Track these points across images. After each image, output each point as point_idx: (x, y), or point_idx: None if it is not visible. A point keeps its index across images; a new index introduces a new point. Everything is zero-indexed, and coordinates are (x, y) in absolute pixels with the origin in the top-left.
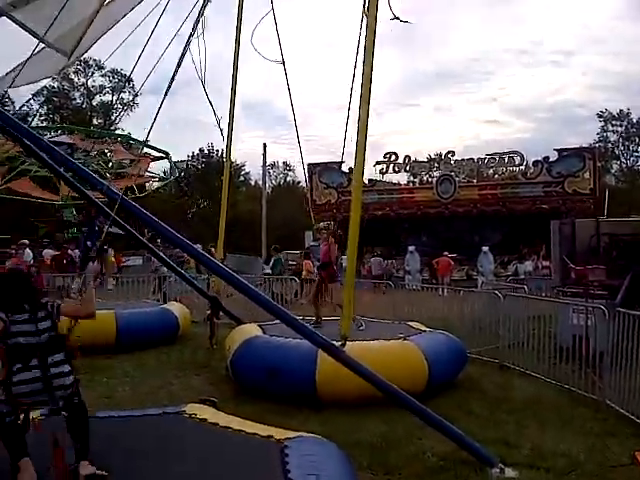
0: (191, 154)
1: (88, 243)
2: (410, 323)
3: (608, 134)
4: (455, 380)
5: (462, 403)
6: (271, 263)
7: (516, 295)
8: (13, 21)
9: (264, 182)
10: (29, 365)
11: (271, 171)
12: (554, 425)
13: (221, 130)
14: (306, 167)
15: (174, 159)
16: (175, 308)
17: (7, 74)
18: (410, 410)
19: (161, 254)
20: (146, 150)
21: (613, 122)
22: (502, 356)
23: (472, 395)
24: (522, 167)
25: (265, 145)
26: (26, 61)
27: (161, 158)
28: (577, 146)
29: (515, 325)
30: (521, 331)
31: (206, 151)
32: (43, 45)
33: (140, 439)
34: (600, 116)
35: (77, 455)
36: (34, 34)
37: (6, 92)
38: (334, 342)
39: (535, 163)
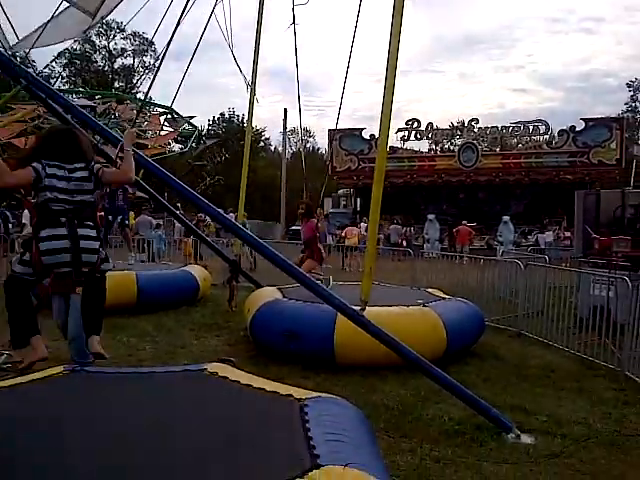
0: (212, 118)
1: (109, 217)
2: (429, 290)
3: (637, 104)
4: (473, 347)
5: (479, 370)
6: None
7: (537, 264)
8: None
9: (284, 147)
10: (58, 221)
11: (291, 137)
12: (571, 394)
13: (251, 87)
14: (326, 133)
15: (198, 124)
16: (195, 270)
17: (31, 34)
18: (428, 375)
19: (182, 217)
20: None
21: None
22: (520, 325)
23: (489, 362)
24: (547, 136)
25: (286, 110)
26: (49, 20)
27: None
28: (605, 116)
29: (535, 294)
30: (540, 300)
31: (227, 115)
32: (67, 4)
33: (163, 394)
34: (629, 86)
35: (88, 329)
36: None
37: (28, 52)
38: (353, 307)
39: (560, 133)
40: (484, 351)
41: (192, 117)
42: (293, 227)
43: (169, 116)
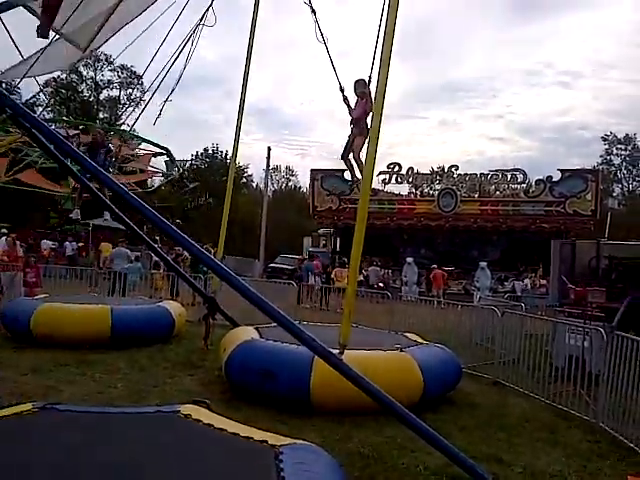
0: (195, 153)
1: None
2: (407, 334)
3: (612, 157)
4: (449, 395)
5: (456, 418)
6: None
7: (513, 312)
8: (29, 11)
9: (266, 185)
10: None
11: (273, 175)
12: (547, 445)
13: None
14: (309, 172)
15: (178, 158)
16: (171, 306)
17: (20, 63)
18: (404, 422)
19: (160, 250)
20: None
21: (618, 145)
22: (497, 372)
23: (466, 411)
24: (524, 185)
25: (269, 149)
26: (41, 51)
27: (162, 154)
28: (580, 167)
29: (511, 342)
30: (517, 348)
31: (210, 151)
32: (58, 37)
33: (134, 436)
34: (605, 139)
35: None
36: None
37: (19, 82)
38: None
39: (538, 182)
40: (460, 399)
41: (187, 161)
42: (272, 264)
43: (166, 157)
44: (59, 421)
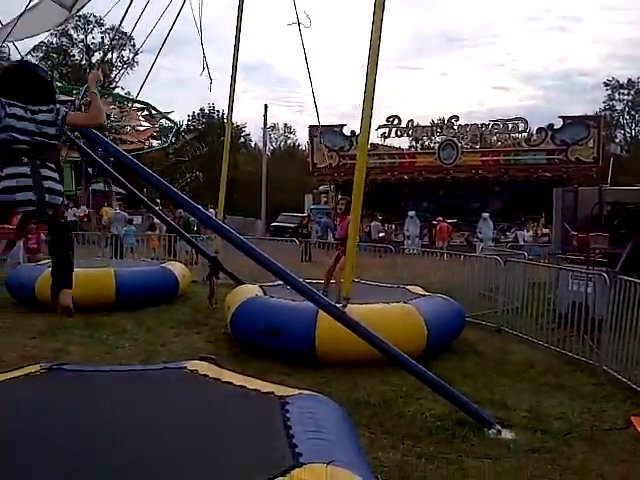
0: (191, 113)
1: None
2: (409, 287)
3: (614, 103)
4: (453, 343)
5: (460, 366)
6: None
7: (516, 261)
8: None
9: (265, 143)
10: (20, 160)
11: (272, 133)
12: (551, 389)
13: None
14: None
15: (175, 119)
16: (175, 267)
17: (5, 25)
18: (409, 371)
19: (161, 213)
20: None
21: (620, 90)
22: (500, 321)
23: (470, 358)
24: (526, 134)
25: (266, 106)
26: (24, 11)
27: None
28: (583, 114)
29: (514, 291)
30: (520, 297)
31: (207, 111)
32: None
33: (142, 392)
34: (607, 84)
35: (58, 283)
36: None
37: (2, 45)
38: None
39: (539, 130)
40: (464, 347)
41: (170, 112)
42: (274, 223)
43: (146, 112)
44: (67, 380)
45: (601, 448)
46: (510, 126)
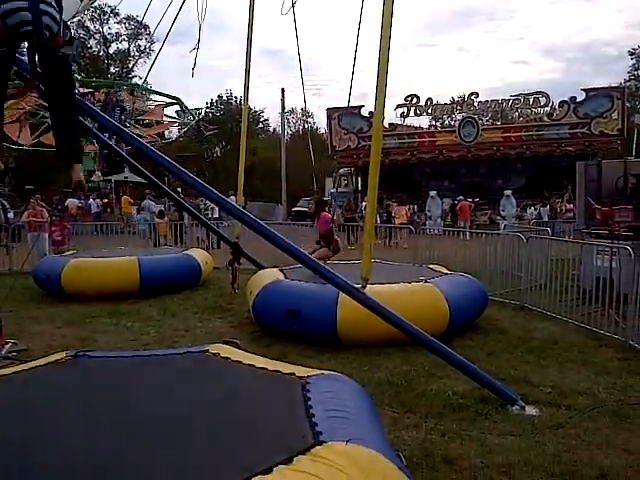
0: (209, 101)
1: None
2: (431, 266)
3: (639, 72)
4: (476, 322)
5: (483, 344)
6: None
7: (539, 237)
8: None
9: (283, 127)
10: None
11: (289, 118)
12: (575, 365)
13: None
14: (325, 112)
15: (192, 107)
16: (197, 254)
17: None
18: (431, 350)
19: (182, 201)
20: (159, 98)
21: None
22: (524, 298)
23: (493, 336)
24: (547, 108)
25: (283, 90)
26: None
27: (174, 104)
28: (606, 85)
29: (537, 267)
30: (543, 273)
31: (225, 97)
32: None
33: (165, 376)
34: (632, 54)
35: (63, 151)
36: None
37: None
38: (355, 284)
39: (561, 104)
40: (487, 325)
41: (199, 109)
42: (295, 208)
43: (177, 107)
44: (92, 367)
45: (627, 423)
46: (531, 100)
